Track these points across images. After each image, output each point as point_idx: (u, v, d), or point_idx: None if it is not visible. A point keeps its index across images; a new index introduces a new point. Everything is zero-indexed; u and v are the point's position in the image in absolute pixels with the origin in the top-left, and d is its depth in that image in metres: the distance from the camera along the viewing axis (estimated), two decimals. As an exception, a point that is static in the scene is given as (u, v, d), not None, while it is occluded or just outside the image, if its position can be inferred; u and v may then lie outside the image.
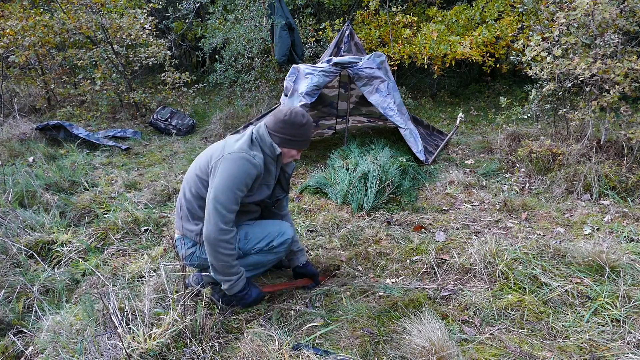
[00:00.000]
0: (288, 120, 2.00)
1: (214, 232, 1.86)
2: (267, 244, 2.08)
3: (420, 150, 4.38)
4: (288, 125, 2.01)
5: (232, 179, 1.89)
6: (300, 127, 2.02)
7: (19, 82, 7.39)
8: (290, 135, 2.02)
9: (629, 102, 4.56)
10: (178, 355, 1.71)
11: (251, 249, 2.08)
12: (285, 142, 2.04)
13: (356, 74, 4.28)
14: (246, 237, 2.08)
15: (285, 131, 2.01)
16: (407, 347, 1.76)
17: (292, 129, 2.01)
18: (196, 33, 9.05)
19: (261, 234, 2.09)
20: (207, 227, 1.88)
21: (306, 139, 2.08)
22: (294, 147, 2.08)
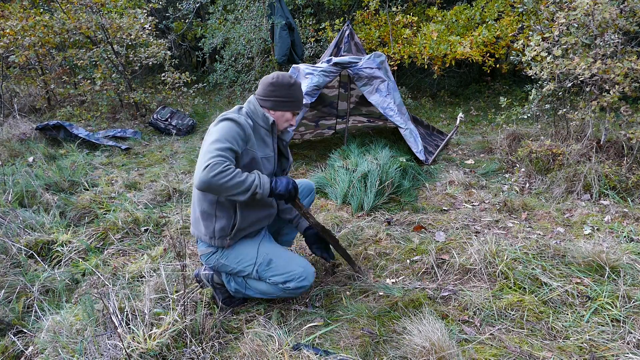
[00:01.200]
0: (276, 82, 2.01)
1: (203, 175, 1.67)
2: (284, 282, 1.98)
3: (420, 150, 4.38)
4: (277, 87, 2.01)
5: (215, 132, 1.82)
6: (289, 87, 2.02)
7: (19, 82, 7.39)
8: (281, 96, 2.02)
9: (629, 102, 4.56)
10: (178, 355, 1.71)
11: (268, 278, 2.01)
12: (277, 104, 2.03)
13: (356, 74, 4.28)
14: (269, 265, 2.00)
15: (276, 93, 2.01)
16: (407, 347, 1.76)
17: (282, 89, 2.01)
18: (196, 33, 9.05)
19: (284, 269, 1.99)
20: (196, 174, 1.71)
21: (297, 99, 2.07)
22: (287, 109, 2.05)
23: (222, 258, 2.04)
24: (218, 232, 1.97)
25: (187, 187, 3.90)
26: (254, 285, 2.08)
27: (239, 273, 2.06)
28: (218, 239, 1.99)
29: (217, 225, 1.97)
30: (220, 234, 1.98)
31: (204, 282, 2.18)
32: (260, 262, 2.00)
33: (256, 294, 2.11)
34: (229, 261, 2.04)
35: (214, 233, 1.98)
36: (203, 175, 1.68)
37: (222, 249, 2.03)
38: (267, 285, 2.04)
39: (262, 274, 2.01)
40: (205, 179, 1.68)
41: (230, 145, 1.78)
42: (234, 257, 2.03)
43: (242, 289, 2.12)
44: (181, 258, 2.04)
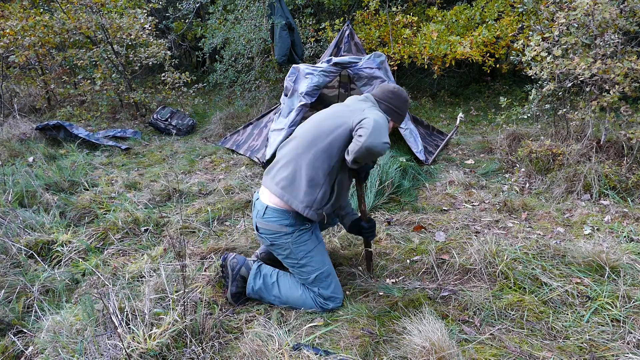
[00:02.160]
0: (396, 92, 2.19)
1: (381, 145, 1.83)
2: (328, 298, 2.08)
3: (420, 150, 4.38)
4: (395, 97, 2.18)
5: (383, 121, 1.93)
6: (404, 102, 2.22)
7: (19, 82, 7.39)
8: (395, 106, 2.19)
9: (629, 102, 4.56)
10: (178, 355, 1.71)
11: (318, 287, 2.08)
12: (390, 112, 2.18)
13: (356, 74, 4.28)
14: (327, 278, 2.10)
15: (393, 102, 2.18)
16: (407, 347, 1.76)
17: (398, 101, 2.19)
18: (196, 33, 9.04)
19: (334, 288, 2.11)
20: (372, 138, 1.81)
21: (404, 114, 2.25)
22: (395, 119, 2.22)
23: (294, 244, 2.07)
24: (318, 202, 2.01)
25: (187, 187, 3.90)
26: (286, 290, 2.12)
27: (296, 267, 2.10)
28: (313, 210, 2.01)
29: (319, 195, 2.01)
30: (319, 204, 2.02)
31: (227, 269, 2.18)
32: (323, 271, 2.09)
33: (275, 299, 2.14)
34: (299, 250, 2.07)
35: (313, 202, 2.00)
36: (381, 146, 1.83)
37: (298, 235, 2.06)
38: (302, 294, 2.10)
39: (316, 281, 2.08)
40: (379, 149, 1.83)
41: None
42: (303, 250, 2.07)
43: (264, 293, 2.14)
44: (181, 258, 2.04)
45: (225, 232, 3.02)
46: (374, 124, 1.86)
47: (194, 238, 2.93)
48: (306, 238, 2.09)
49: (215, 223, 3.17)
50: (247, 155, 4.94)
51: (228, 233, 3.00)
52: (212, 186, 3.99)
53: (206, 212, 3.30)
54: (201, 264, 2.50)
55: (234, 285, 2.17)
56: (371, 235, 2.30)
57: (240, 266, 2.18)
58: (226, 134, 5.86)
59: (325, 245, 2.24)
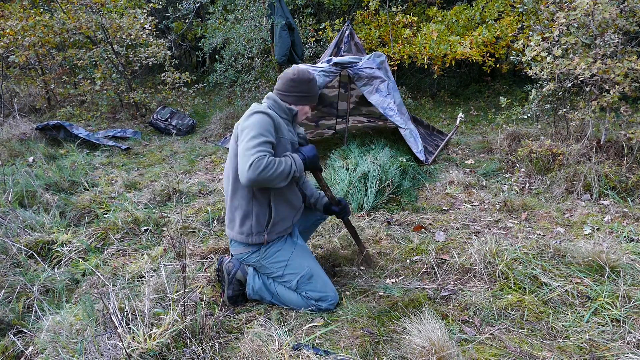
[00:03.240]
0: (297, 78, 2.12)
1: (250, 173, 1.78)
2: (319, 299, 2.07)
3: (420, 150, 4.38)
4: (297, 83, 2.12)
5: (250, 128, 1.90)
6: (309, 82, 2.15)
7: (19, 82, 7.39)
8: (302, 91, 2.13)
9: (629, 102, 4.56)
10: (178, 355, 1.71)
11: (305, 291, 2.08)
12: (299, 99, 2.14)
13: (356, 74, 4.28)
14: (309, 280, 2.09)
15: (296, 89, 2.13)
16: (407, 347, 1.76)
17: (303, 84, 2.13)
18: (196, 33, 9.05)
19: (322, 288, 2.09)
20: (242, 172, 1.80)
21: (315, 93, 2.20)
22: (307, 103, 2.18)
23: (264, 260, 2.10)
24: (255, 228, 2.05)
25: (187, 187, 3.90)
26: (282, 294, 2.12)
27: (277, 278, 2.12)
28: (255, 235, 2.05)
29: (254, 221, 2.04)
30: (257, 229, 2.05)
31: (223, 273, 2.20)
32: (303, 274, 2.08)
33: (276, 301, 2.15)
34: (271, 264, 2.10)
35: (252, 229, 2.05)
36: (250, 173, 1.78)
37: (262, 250, 2.09)
38: (297, 298, 2.10)
39: (300, 286, 2.08)
40: (253, 176, 1.78)
41: (266, 138, 1.88)
42: (276, 262, 2.10)
43: (264, 293, 2.15)
44: (181, 258, 2.04)
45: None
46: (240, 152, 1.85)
47: (194, 238, 2.93)
48: (274, 250, 2.11)
49: (215, 223, 3.17)
50: (247, 155, 4.93)
51: (228, 233, 3.00)
52: (212, 186, 3.99)
53: (206, 212, 3.30)
54: (201, 264, 2.50)
55: (230, 289, 2.17)
56: (345, 214, 2.35)
57: (236, 270, 2.17)
58: (226, 134, 5.86)
59: (303, 245, 2.23)
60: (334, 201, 2.32)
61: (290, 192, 2.13)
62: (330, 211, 2.35)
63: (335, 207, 2.32)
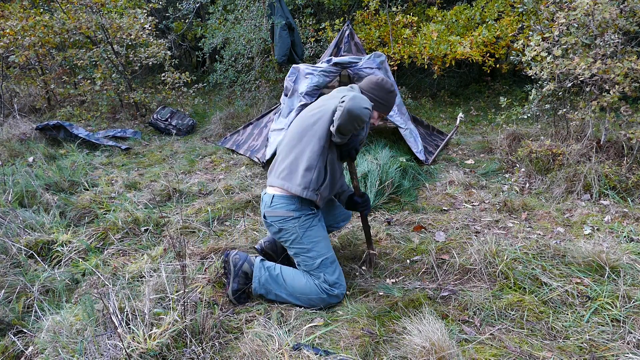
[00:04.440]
0: (380, 84, 2.29)
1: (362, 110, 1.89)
2: (334, 284, 2.12)
3: (420, 150, 4.38)
4: (379, 88, 2.28)
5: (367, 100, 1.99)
6: (389, 93, 2.30)
7: (19, 82, 7.38)
8: (380, 97, 2.28)
9: (629, 102, 4.56)
10: (178, 355, 1.71)
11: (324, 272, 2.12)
12: (374, 102, 2.26)
13: (356, 74, 4.28)
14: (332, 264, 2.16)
15: (377, 93, 2.28)
16: (407, 347, 1.76)
17: (383, 92, 2.28)
18: (196, 33, 9.04)
19: (339, 275, 2.17)
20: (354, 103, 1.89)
21: (390, 105, 2.34)
22: (380, 110, 2.32)
23: (301, 228, 2.13)
24: (314, 183, 2.11)
25: (187, 187, 3.90)
26: (290, 280, 2.15)
27: (301, 252, 2.15)
28: (311, 191, 2.11)
29: (315, 175, 2.10)
30: (315, 184, 2.11)
31: (229, 265, 2.20)
32: (328, 257, 2.16)
33: (282, 291, 2.15)
34: (305, 234, 2.13)
35: (310, 184, 2.10)
36: (362, 111, 1.90)
37: (304, 220, 2.13)
38: (307, 283, 2.13)
39: (322, 267, 2.13)
40: (359, 114, 1.90)
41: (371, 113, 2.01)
42: (309, 235, 2.14)
43: (270, 285, 2.16)
44: (181, 258, 2.04)
45: (225, 232, 3.02)
46: (354, 96, 1.94)
47: (194, 238, 2.93)
48: (313, 224, 2.16)
49: (215, 223, 3.17)
50: (247, 155, 4.94)
51: (228, 233, 3.00)
52: (212, 186, 3.99)
53: (206, 212, 3.30)
54: (201, 264, 2.50)
55: (236, 281, 2.17)
56: (366, 208, 2.42)
57: (242, 262, 2.19)
58: (226, 134, 5.86)
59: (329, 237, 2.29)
60: (358, 192, 2.40)
61: (338, 165, 2.26)
62: (353, 202, 2.43)
63: (359, 198, 2.39)
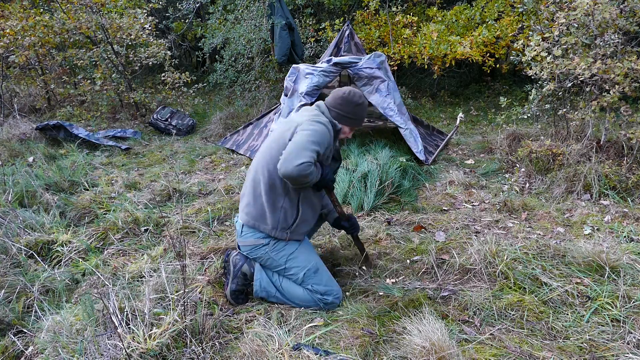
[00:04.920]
0: (347, 97, 2.16)
1: (295, 170, 1.83)
2: (324, 293, 2.10)
3: (420, 150, 4.38)
4: (346, 102, 2.16)
5: (314, 133, 1.95)
6: (356, 106, 2.18)
7: (19, 82, 7.38)
8: (347, 112, 2.17)
9: (629, 102, 4.56)
10: (178, 355, 1.71)
11: (311, 284, 2.10)
12: (341, 118, 2.18)
13: (356, 74, 4.28)
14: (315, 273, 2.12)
15: (343, 108, 2.17)
16: (407, 347, 1.76)
17: (349, 106, 2.17)
18: (196, 33, 9.05)
19: (327, 282, 2.14)
20: (287, 162, 1.85)
21: (360, 118, 2.24)
22: (348, 124, 2.22)
23: (273, 252, 2.12)
24: (282, 223, 2.09)
25: (187, 187, 3.90)
26: (288, 289, 2.14)
27: (284, 272, 2.14)
28: (280, 230, 2.08)
29: (282, 216, 2.08)
30: (283, 225, 2.09)
31: (229, 265, 2.21)
32: (309, 267, 2.13)
33: (282, 297, 2.15)
34: (279, 257, 2.12)
35: (278, 224, 2.07)
36: (296, 170, 1.84)
37: (274, 244, 2.11)
38: (303, 292, 2.11)
39: (306, 279, 2.10)
40: (294, 173, 1.84)
41: (320, 150, 1.95)
42: (284, 255, 2.12)
43: (271, 289, 2.16)
44: (181, 258, 2.04)
45: (225, 232, 3.02)
46: (292, 146, 1.90)
47: (194, 238, 2.93)
48: (283, 243, 2.14)
49: (215, 223, 3.17)
50: (247, 155, 4.94)
51: (228, 233, 3.00)
52: (212, 186, 3.99)
53: (206, 212, 3.30)
54: (201, 264, 2.50)
55: (235, 282, 2.17)
56: (354, 231, 2.39)
57: (242, 263, 2.19)
58: (226, 134, 5.86)
59: (308, 241, 2.27)
60: (344, 216, 2.35)
61: (316, 198, 2.20)
62: (340, 226, 2.39)
63: (345, 222, 2.35)
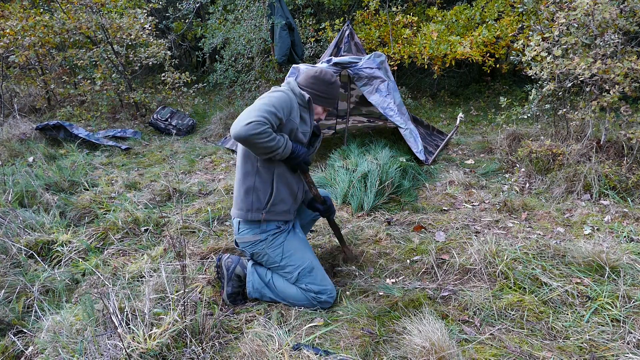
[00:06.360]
0: (319, 76, 2.15)
1: (244, 129, 1.76)
2: (319, 292, 2.09)
3: (420, 150, 4.38)
4: (318, 82, 2.15)
5: (268, 98, 1.92)
6: (329, 85, 2.18)
7: (19, 82, 7.38)
8: (319, 91, 2.16)
9: (629, 102, 4.56)
10: (178, 355, 1.71)
11: (305, 283, 2.09)
12: (314, 97, 2.16)
13: (356, 74, 4.28)
14: (310, 272, 2.11)
15: (315, 87, 2.15)
16: (407, 347, 1.76)
17: (322, 85, 2.16)
18: (196, 33, 9.05)
19: (321, 281, 2.12)
20: (238, 124, 1.78)
21: (333, 97, 2.21)
22: (321, 104, 2.20)
23: (269, 248, 2.11)
24: (255, 204, 2.07)
25: (187, 187, 3.90)
26: (281, 288, 2.14)
27: (278, 269, 2.14)
28: (255, 212, 2.07)
29: (254, 197, 2.07)
30: (256, 205, 2.07)
31: (222, 269, 2.21)
32: (304, 266, 2.11)
33: (276, 297, 2.15)
34: (275, 253, 2.11)
35: (252, 205, 2.06)
36: (244, 128, 1.76)
37: (272, 239, 2.11)
38: (297, 291, 2.11)
39: (301, 278, 2.10)
40: (243, 133, 1.77)
41: (276, 112, 1.88)
42: (280, 252, 2.11)
43: (264, 289, 2.16)
44: (181, 258, 2.04)
45: (225, 232, 3.02)
46: (246, 110, 1.84)
47: (194, 238, 2.93)
48: (281, 240, 2.13)
49: (215, 223, 3.17)
50: (247, 155, 4.93)
51: (228, 233, 3.00)
52: (212, 186, 3.99)
53: (206, 212, 3.30)
54: (201, 264, 2.50)
55: (230, 285, 2.17)
56: (330, 214, 2.36)
57: (235, 265, 2.19)
58: (226, 134, 5.86)
59: (305, 239, 2.26)
60: (319, 199, 2.31)
61: (294, 177, 2.16)
62: (315, 208, 2.34)
63: (320, 205, 2.32)
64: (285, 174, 2.10)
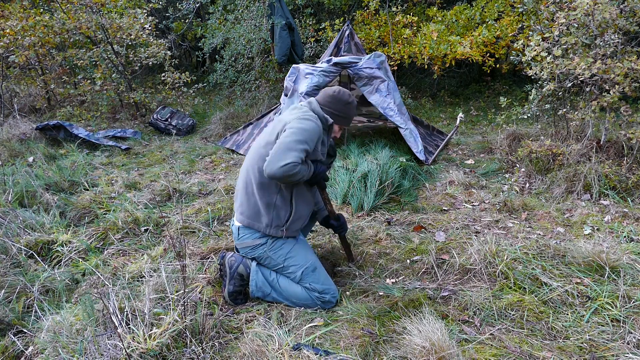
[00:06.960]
0: (337, 96, 2.22)
1: (280, 171, 1.86)
2: (322, 291, 2.11)
3: (420, 150, 4.38)
4: (336, 101, 2.22)
5: (301, 132, 1.97)
6: (346, 104, 2.24)
7: (19, 82, 7.38)
8: (337, 110, 2.23)
9: (629, 102, 4.56)
10: (178, 355, 1.71)
11: (309, 282, 2.12)
12: (331, 116, 2.22)
13: (356, 74, 4.28)
14: (314, 271, 2.14)
15: (333, 106, 2.22)
16: (407, 347, 1.76)
17: (339, 104, 2.22)
18: (196, 33, 9.04)
19: (324, 281, 2.16)
20: (272, 163, 1.88)
21: (349, 116, 2.28)
22: (338, 123, 2.27)
23: (271, 251, 2.14)
24: (275, 221, 2.11)
25: (187, 187, 3.90)
26: (285, 288, 2.15)
27: (282, 270, 2.16)
28: (274, 228, 2.10)
29: (275, 214, 2.11)
30: (276, 222, 2.11)
31: (225, 267, 2.22)
32: (307, 266, 2.15)
33: (279, 296, 2.16)
34: (277, 255, 2.14)
35: (272, 222, 2.10)
36: (280, 171, 1.87)
37: (272, 242, 2.13)
38: (301, 291, 2.13)
39: (304, 277, 2.13)
40: (279, 174, 1.88)
41: (308, 147, 1.98)
42: (282, 254, 2.14)
43: (267, 288, 2.17)
44: (181, 258, 2.04)
45: (225, 232, 3.02)
46: (277, 146, 1.93)
47: (194, 238, 2.93)
48: (281, 242, 2.15)
49: (215, 223, 3.17)
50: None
51: (228, 233, 3.00)
52: (212, 186, 3.99)
53: (206, 212, 3.30)
54: (201, 264, 2.50)
55: (232, 283, 2.18)
56: (342, 230, 2.41)
57: (238, 264, 2.19)
58: (226, 134, 5.86)
59: (305, 241, 2.30)
60: (334, 215, 2.37)
61: (310, 194, 2.22)
62: (329, 225, 2.41)
63: (334, 221, 2.37)
64: (304, 191, 2.16)
